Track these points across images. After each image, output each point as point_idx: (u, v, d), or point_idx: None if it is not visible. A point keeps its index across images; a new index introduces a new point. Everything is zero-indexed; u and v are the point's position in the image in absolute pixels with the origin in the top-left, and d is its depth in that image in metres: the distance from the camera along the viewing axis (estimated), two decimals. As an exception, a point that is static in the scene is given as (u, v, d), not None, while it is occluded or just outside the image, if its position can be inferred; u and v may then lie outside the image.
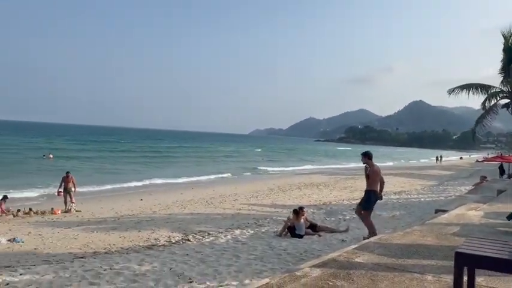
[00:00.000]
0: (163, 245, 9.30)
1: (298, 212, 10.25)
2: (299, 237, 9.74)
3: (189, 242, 9.54)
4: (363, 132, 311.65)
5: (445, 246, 5.37)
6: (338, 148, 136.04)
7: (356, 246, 5.40)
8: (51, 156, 40.03)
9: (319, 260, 4.65)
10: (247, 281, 6.05)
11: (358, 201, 15.29)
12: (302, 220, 10.18)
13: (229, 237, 9.95)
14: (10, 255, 8.55)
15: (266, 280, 3.75)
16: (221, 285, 6.01)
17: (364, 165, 8.28)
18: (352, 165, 53.97)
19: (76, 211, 14.68)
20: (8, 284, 6.31)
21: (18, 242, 9.77)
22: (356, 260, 4.56)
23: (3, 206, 13.73)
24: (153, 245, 9.34)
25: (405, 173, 35.58)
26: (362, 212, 8.39)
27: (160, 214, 13.91)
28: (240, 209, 14.94)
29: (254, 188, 22.58)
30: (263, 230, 10.88)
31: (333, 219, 12.85)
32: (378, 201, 8.47)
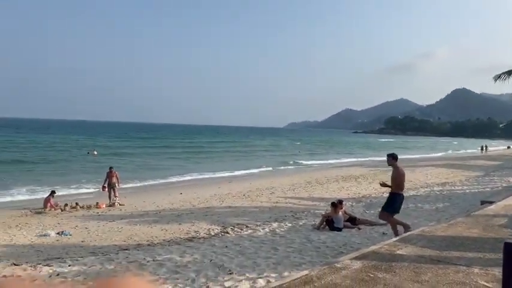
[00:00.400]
0: (203, 238, 9.48)
1: (336, 205, 10.12)
2: (338, 231, 9.63)
3: (227, 235, 9.67)
4: (403, 123, 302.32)
5: (492, 238, 5.14)
6: (380, 140, 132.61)
7: (397, 238, 5.27)
8: (95, 152, 41.69)
9: (359, 252, 4.58)
10: (286, 273, 6.05)
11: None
12: (341, 213, 10.05)
13: (267, 230, 9.99)
14: (59, 248, 9.01)
15: (305, 272, 3.74)
16: (260, 277, 6.05)
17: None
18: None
19: (120, 205, 15.24)
20: (58, 274, 6.66)
21: (66, 235, 10.28)
22: (398, 252, 4.45)
23: (52, 201, 14.46)
24: (193, 238, 9.54)
25: (448, 164, 34.21)
26: (385, 216, 7.96)
27: (200, 207, 14.17)
28: (277, 202, 14.95)
29: (291, 181, 22.51)
30: (301, 223, 10.83)
31: (372, 212, 12.58)
32: (420, 193, 8.21)
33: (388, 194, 8.14)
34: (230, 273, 6.36)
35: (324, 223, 9.97)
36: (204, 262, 7.10)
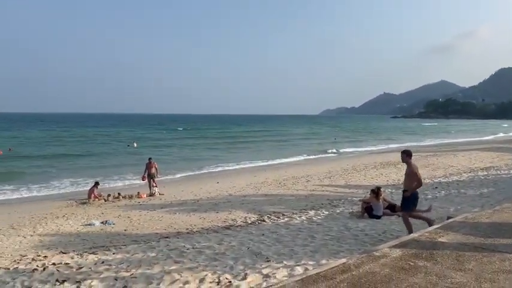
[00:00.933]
0: (240, 226, 9.59)
1: (376, 192, 9.90)
2: (377, 218, 9.44)
3: (264, 223, 9.73)
4: (444, 106, 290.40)
5: (543, 225, 4.86)
6: (424, 124, 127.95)
7: (439, 226, 5.09)
8: (135, 144, 43.01)
9: (399, 240, 4.47)
10: (324, 261, 6.02)
11: (441, 179, 14.39)
12: (380, 200, 9.83)
13: (303, 218, 9.95)
14: (103, 236, 9.41)
15: (343, 260, 3.70)
16: (298, 265, 6.05)
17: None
18: (437, 141, 50.89)
19: (159, 194, 15.69)
20: (103, 262, 6.96)
21: (110, 224, 10.72)
22: (439, 240, 4.31)
23: (96, 192, 15.09)
24: (230, 226, 9.67)
25: (493, 147, 32.63)
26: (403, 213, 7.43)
27: (236, 196, 14.33)
28: (313, 190, 14.85)
29: (327, 169, 22.28)
30: (338, 211, 10.72)
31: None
32: (463, 179, 7.82)
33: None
34: (268, 261, 6.40)
35: (363, 211, 9.81)
36: (242, 250, 7.18)
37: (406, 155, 7.27)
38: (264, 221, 10.01)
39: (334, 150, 40.59)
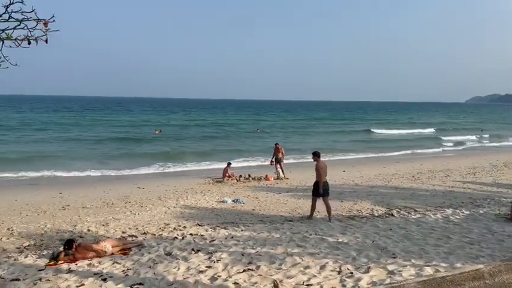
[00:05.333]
0: (366, 217, 9.25)
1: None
2: (531, 224, 8.10)
3: (392, 217, 9.20)
4: None
5: None
6: None
7: None
8: (258, 130, 44.79)
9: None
10: (458, 265, 5.42)
11: None
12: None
13: (438, 216, 9.10)
14: (234, 214, 10.09)
15: (479, 266, 3.28)
16: (428, 265, 5.58)
17: None
18: None
19: (285, 178, 16.11)
20: (232, 237, 7.48)
21: (240, 202, 11.44)
22: None
23: (229, 171, 16.24)
24: (355, 216, 9.41)
25: None
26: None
27: (363, 186, 13.85)
28: (452, 187, 13.45)
29: (470, 164, 19.91)
30: (481, 212, 9.50)
31: None
32: None
33: None
34: (394, 257, 6.05)
35: (513, 214, 8.52)
36: (366, 242, 6.94)
37: (315, 155, 9.47)
38: (392, 215, 9.47)
39: (481, 143, 36.00)
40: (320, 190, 9.11)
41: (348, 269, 5.59)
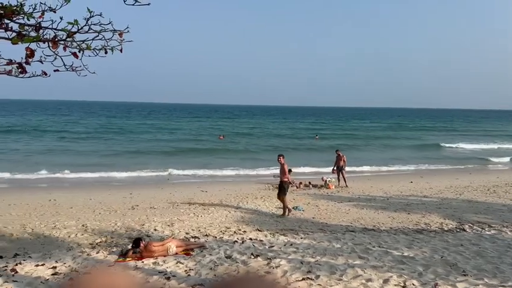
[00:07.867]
0: (435, 231, 8.73)
1: None
2: None
3: (464, 232, 8.59)
4: None
5: None
6: None
7: None
8: (317, 137, 44.10)
9: None
10: (541, 289, 4.93)
11: None
12: None
13: (517, 233, 8.35)
14: (293, 221, 10.02)
15: None
16: (503, 285, 5.14)
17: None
18: None
19: (347, 187, 15.71)
20: (291, 244, 7.44)
21: (300, 209, 11.35)
22: None
23: (290, 178, 16.14)
24: (423, 230, 8.92)
25: None
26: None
27: (432, 199, 13.09)
28: (534, 202, 12.28)
29: (557, 178, 18.04)
30: None
31: None
32: None
33: None
34: (464, 275, 5.65)
35: None
36: (434, 258, 6.54)
37: (279, 156, 11.61)
38: (464, 230, 8.85)
39: None
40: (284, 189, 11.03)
41: (413, 284, 5.31)
